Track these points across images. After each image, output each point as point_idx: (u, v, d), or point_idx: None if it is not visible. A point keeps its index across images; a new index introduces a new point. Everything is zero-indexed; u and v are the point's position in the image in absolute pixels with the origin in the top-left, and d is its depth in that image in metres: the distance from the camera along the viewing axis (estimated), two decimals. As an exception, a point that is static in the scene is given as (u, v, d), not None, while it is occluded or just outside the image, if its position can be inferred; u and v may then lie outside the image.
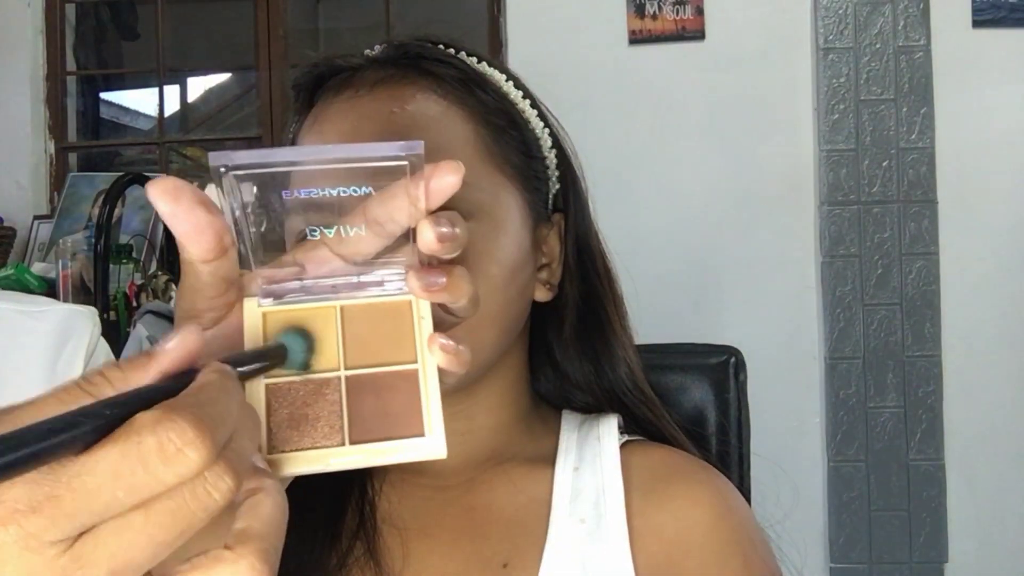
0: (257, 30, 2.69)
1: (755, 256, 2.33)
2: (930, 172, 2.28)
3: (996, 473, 2.29)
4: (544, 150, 0.68)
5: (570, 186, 0.70)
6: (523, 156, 0.66)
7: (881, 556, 2.25)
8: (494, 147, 0.64)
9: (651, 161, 2.33)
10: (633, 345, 0.70)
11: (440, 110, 0.63)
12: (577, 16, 2.36)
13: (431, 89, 0.64)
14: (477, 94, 0.65)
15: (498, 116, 0.65)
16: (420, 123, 0.62)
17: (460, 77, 0.65)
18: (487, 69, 0.68)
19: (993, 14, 2.30)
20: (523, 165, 0.65)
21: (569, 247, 0.68)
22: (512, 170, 0.65)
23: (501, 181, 0.64)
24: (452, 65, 0.65)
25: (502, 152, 0.64)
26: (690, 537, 0.61)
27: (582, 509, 0.63)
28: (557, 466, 0.65)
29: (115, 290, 2.10)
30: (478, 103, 0.64)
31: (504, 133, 0.65)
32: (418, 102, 0.63)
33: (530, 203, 0.65)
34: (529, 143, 0.67)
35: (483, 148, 0.63)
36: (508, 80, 0.68)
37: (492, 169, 0.63)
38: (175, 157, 3.75)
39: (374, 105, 0.63)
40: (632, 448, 0.66)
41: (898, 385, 2.27)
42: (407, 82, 0.64)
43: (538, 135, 0.68)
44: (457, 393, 0.63)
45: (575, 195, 0.70)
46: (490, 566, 0.62)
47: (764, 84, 2.34)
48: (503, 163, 0.64)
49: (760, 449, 0.82)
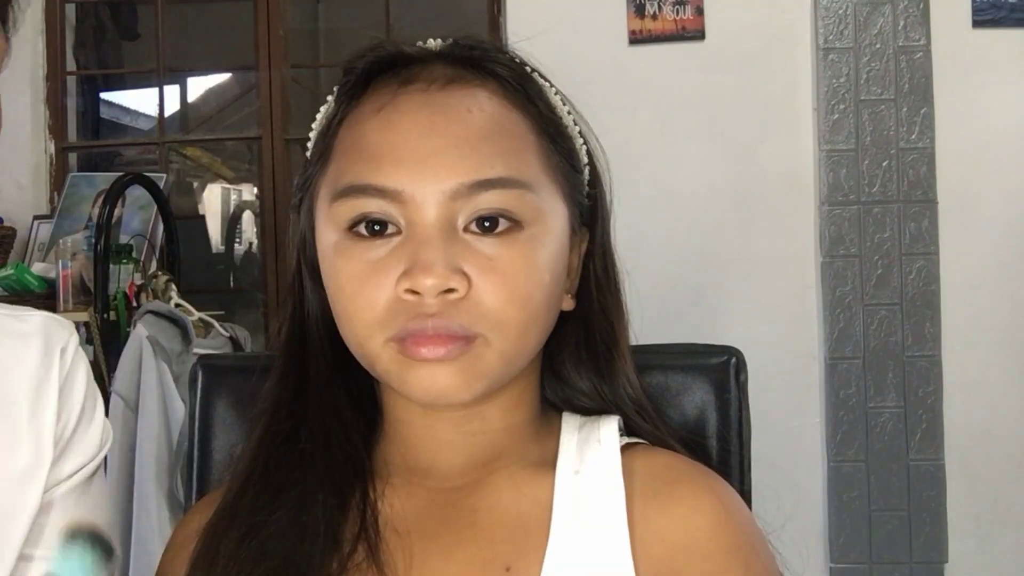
0: (257, 30, 2.68)
1: (755, 256, 2.33)
2: (930, 172, 2.28)
3: (996, 473, 2.29)
4: (582, 164, 0.69)
5: (599, 203, 0.70)
6: (571, 169, 0.66)
7: (881, 556, 2.25)
8: (551, 156, 0.65)
9: (651, 161, 2.33)
10: (632, 362, 0.70)
11: (511, 115, 0.64)
12: (577, 16, 2.36)
13: (500, 93, 0.64)
14: (536, 102, 0.65)
15: (552, 126, 0.66)
16: (495, 126, 0.62)
17: (522, 83, 0.65)
18: (539, 79, 0.68)
19: (993, 14, 2.30)
20: (571, 177, 0.66)
21: (595, 262, 0.69)
22: (564, 181, 0.65)
23: (556, 191, 0.64)
24: (515, 71, 0.66)
25: (556, 162, 0.65)
26: (692, 542, 0.61)
27: (583, 513, 0.63)
28: (558, 470, 0.65)
29: (115, 290, 2.10)
30: (537, 111, 0.65)
31: (557, 144, 0.65)
32: (492, 104, 0.63)
33: (571, 215, 0.66)
34: (574, 157, 0.67)
35: (544, 157, 0.64)
36: (556, 93, 0.69)
37: (550, 178, 0.64)
38: (175, 157, 3.75)
39: (449, 102, 0.63)
40: (634, 452, 0.66)
41: (898, 385, 2.27)
42: (478, 83, 0.64)
43: (578, 149, 0.68)
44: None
45: (603, 212, 0.71)
46: (492, 569, 0.62)
47: (764, 84, 2.34)
48: (557, 173, 0.65)
49: (760, 450, 0.82)
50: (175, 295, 2.03)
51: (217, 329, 2.06)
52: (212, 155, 4.43)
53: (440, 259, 0.58)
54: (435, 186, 0.60)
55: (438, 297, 0.58)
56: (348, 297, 0.62)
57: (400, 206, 0.60)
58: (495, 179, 0.60)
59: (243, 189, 4.61)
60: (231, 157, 4.58)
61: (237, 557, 0.62)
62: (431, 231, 0.59)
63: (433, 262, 0.58)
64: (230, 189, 4.64)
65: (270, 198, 2.66)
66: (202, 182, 4.45)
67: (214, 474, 0.83)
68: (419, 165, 0.60)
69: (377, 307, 0.60)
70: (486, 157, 0.60)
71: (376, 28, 2.85)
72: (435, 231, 0.59)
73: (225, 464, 0.81)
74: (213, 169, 4.47)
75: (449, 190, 0.60)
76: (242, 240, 4.42)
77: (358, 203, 0.61)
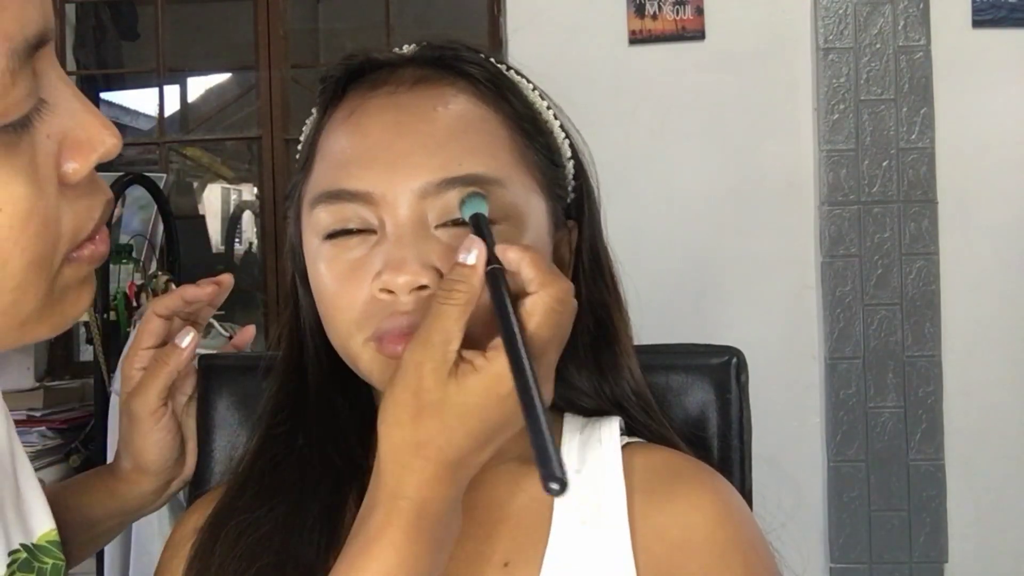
0: (257, 30, 2.68)
1: (755, 256, 2.33)
2: (930, 172, 2.28)
3: (996, 473, 2.29)
4: (564, 159, 0.69)
5: (585, 196, 0.71)
6: (549, 163, 0.67)
7: (881, 556, 2.25)
8: (526, 152, 0.65)
9: (651, 161, 2.33)
10: (634, 354, 0.70)
11: (479, 112, 0.64)
12: (577, 16, 2.36)
13: (469, 91, 0.65)
14: (509, 99, 0.66)
15: (527, 122, 0.66)
16: (461, 123, 0.63)
17: (494, 81, 0.66)
18: (515, 76, 0.69)
19: (993, 14, 2.30)
20: (549, 172, 0.66)
21: (583, 256, 0.69)
22: (540, 176, 0.66)
23: (531, 186, 0.65)
24: (487, 69, 0.66)
25: (532, 158, 0.65)
26: (691, 540, 0.61)
27: (584, 510, 0.63)
28: None
29: (115, 290, 2.10)
30: (511, 108, 0.65)
31: (533, 139, 0.66)
32: (459, 102, 0.64)
33: (551, 210, 0.66)
34: (553, 151, 0.68)
35: (517, 152, 0.64)
36: (534, 89, 0.69)
37: (524, 174, 0.64)
38: (175, 157, 3.75)
39: (416, 102, 0.63)
40: (634, 450, 0.66)
41: (898, 385, 2.27)
42: (446, 82, 0.65)
43: (559, 144, 0.69)
44: None
45: (589, 205, 0.71)
46: (491, 565, 0.63)
47: (764, 84, 2.34)
48: (533, 168, 0.65)
49: (760, 450, 0.82)
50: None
51: (217, 329, 2.05)
52: (212, 155, 4.43)
53: (412, 257, 0.59)
54: (404, 185, 0.60)
55: (411, 294, 0.59)
56: (329, 299, 0.63)
57: (372, 208, 0.61)
58: (463, 176, 0.60)
59: (243, 189, 4.62)
60: (231, 157, 4.58)
61: (235, 552, 0.63)
62: (403, 230, 0.60)
63: (405, 260, 0.59)
64: (230, 189, 4.65)
65: (270, 198, 2.67)
66: (202, 182, 4.46)
67: (214, 474, 0.83)
68: (387, 166, 0.61)
69: (356, 307, 0.61)
70: (453, 154, 0.61)
71: (376, 28, 2.85)
72: (407, 230, 0.60)
73: (225, 464, 0.82)
74: (213, 169, 4.48)
75: (418, 188, 0.60)
76: (242, 240, 4.43)
77: (333, 209, 0.62)
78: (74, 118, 0.48)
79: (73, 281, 0.51)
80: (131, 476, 0.80)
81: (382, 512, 0.53)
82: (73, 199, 0.49)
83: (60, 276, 0.50)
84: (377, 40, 0.69)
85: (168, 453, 0.80)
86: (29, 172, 0.46)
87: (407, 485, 0.53)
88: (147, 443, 0.78)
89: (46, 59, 0.47)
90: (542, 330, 0.53)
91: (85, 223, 0.50)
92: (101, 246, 0.52)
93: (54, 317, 0.51)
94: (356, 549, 0.54)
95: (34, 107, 0.46)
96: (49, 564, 0.66)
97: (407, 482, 0.53)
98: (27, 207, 0.46)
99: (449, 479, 0.53)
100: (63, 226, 0.49)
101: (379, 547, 0.53)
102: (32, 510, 0.67)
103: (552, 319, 0.54)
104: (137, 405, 0.78)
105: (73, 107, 0.48)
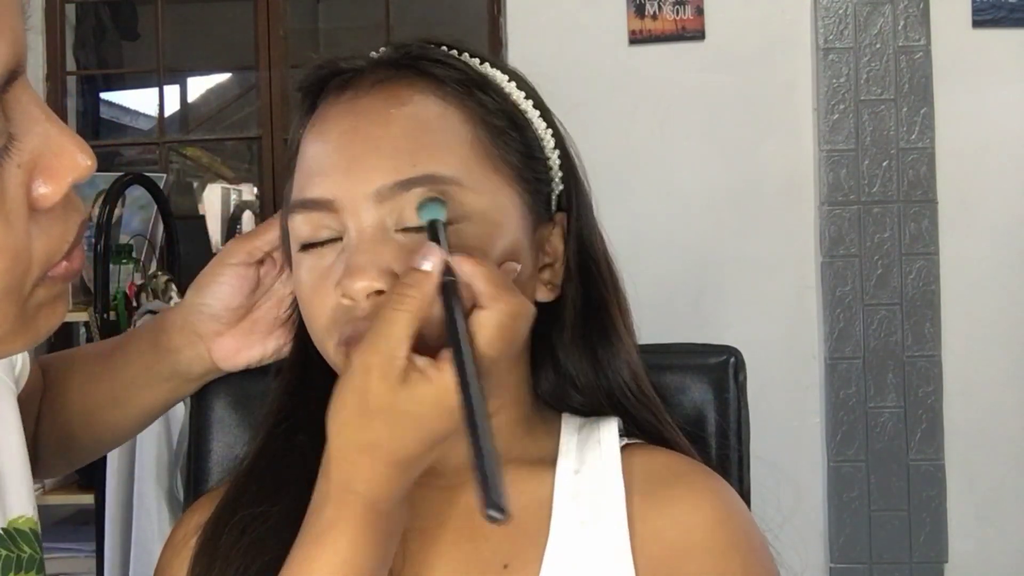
0: (257, 30, 2.69)
1: (755, 256, 2.33)
2: (930, 172, 2.28)
3: (996, 473, 2.29)
4: (547, 150, 0.68)
5: (572, 186, 0.70)
6: (523, 157, 0.66)
7: (881, 556, 2.25)
8: (493, 148, 0.64)
9: (651, 161, 2.33)
10: (636, 348, 0.70)
11: (438, 111, 0.64)
12: (577, 16, 2.36)
13: (430, 90, 0.64)
14: (477, 95, 0.65)
15: (498, 117, 0.65)
16: (417, 123, 0.63)
17: (460, 78, 0.65)
18: (489, 70, 0.68)
19: (993, 14, 2.30)
20: (523, 166, 0.66)
21: (573, 245, 0.69)
22: (511, 171, 0.65)
23: (499, 182, 0.64)
24: (452, 67, 0.65)
25: (501, 153, 0.64)
26: (690, 541, 0.61)
27: (583, 511, 0.63)
28: (558, 468, 0.65)
29: (115, 290, 2.10)
30: (478, 104, 0.65)
31: (504, 134, 0.65)
32: (416, 103, 0.63)
33: (530, 204, 0.66)
34: (530, 143, 0.67)
35: (481, 149, 0.64)
36: (511, 81, 0.68)
37: (489, 170, 0.64)
38: (175, 157, 3.75)
39: (373, 105, 0.63)
40: (633, 451, 0.66)
41: (898, 385, 2.27)
42: (406, 83, 0.64)
43: (540, 135, 0.68)
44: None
45: (578, 195, 0.70)
46: (490, 566, 0.62)
47: (764, 84, 2.34)
48: (502, 164, 0.64)
49: (760, 450, 0.82)
50: (175, 295, 2.02)
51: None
52: (212, 155, 4.43)
53: (368, 262, 0.59)
54: (360, 190, 0.61)
55: (369, 300, 0.59)
56: (305, 306, 0.65)
57: (334, 215, 0.62)
58: (418, 177, 0.60)
59: (243, 189, 4.61)
60: (231, 157, 4.58)
61: (238, 548, 0.63)
62: (362, 235, 0.60)
63: (361, 266, 0.59)
64: (230, 189, 4.64)
65: (270, 198, 2.67)
66: (202, 182, 4.45)
67: (214, 474, 0.83)
68: (343, 172, 0.62)
69: (326, 314, 0.62)
70: (406, 156, 0.61)
71: (376, 28, 2.85)
72: (366, 235, 0.60)
73: (225, 464, 0.82)
74: (213, 169, 4.47)
75: (372, 192, 0.60)
76: (242, 240, 4.41)
77: (304, 218, 0.63)
78: (47, 142, 0.47)
79: (47, 299, 0.50)
80: (179, 332, 0.77)
81: (333, 505, 0.55)
82: (47, 225, 0.48)
83: (33, 296, 0.49)
84: (377, 40, 0.70)
85: (225, 300, 0.75)
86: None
87: (357, 481, 0.55)
88: (212, 282, 0.76)
89: (19, 88, 0.45)
90: (491, 346, 0.54)
91: (59, 246, 0.49)
92: (75, 263, 0.51)
93: (28, 333, 0.50)
94: (310, 539, 0.56)
95: (3, 146, 0.44)
96: (27, 553, 0.65)
97: (357, 479, 0.55)
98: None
99: (397, 478, 0.55)
100: (35, 254, 0.47)
101: (331, 537, 0.55)
102: (8, 489, 0.66)
103: (503, 334, 0.54)
104: (236, 244, 0.76)
105: (47, 131, 0.47)
